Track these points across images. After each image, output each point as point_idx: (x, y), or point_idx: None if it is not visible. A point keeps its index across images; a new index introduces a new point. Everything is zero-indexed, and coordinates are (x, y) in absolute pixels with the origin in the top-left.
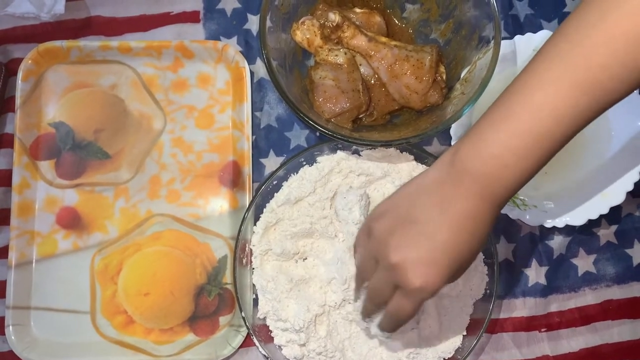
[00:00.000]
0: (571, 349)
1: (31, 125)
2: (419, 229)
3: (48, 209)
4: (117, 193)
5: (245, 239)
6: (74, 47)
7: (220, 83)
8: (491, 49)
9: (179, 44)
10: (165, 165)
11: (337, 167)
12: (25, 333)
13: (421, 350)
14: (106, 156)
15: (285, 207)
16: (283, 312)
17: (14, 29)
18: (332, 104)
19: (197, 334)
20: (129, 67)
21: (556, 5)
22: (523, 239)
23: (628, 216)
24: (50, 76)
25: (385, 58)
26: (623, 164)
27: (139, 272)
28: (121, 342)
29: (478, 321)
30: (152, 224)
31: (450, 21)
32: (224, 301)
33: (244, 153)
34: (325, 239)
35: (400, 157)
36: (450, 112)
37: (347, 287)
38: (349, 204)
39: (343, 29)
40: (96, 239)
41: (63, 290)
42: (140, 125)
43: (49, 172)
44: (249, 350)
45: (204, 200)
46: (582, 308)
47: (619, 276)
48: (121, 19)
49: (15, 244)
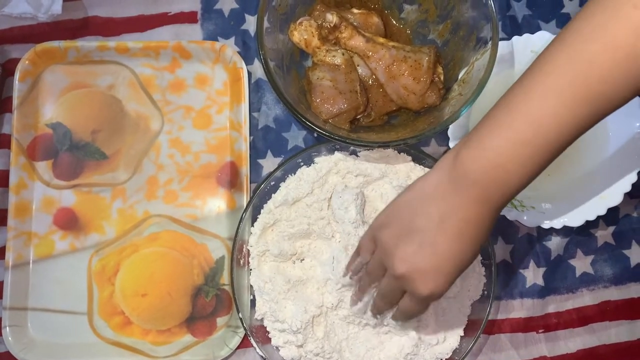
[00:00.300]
0: (569, 350)
1: (28, 126)
2: (423, 239)
3: (45, 209)
4: (114, 194)
5: (243, 239)
6: (71, 48)
7: (217, 84)
8: (489, 50)
9: (177, 44)
10: (162, 166)
11: (335, 167)
12: (23, 334)
13: (419, 351)
14: (103, 157)
15: (283, 208)
16: (280, 313)
17: (11, 29)
18: (329, 104)
19: (194, 335)
20: (126, 68)
21: (554, 6)
22: (521, 240)
23: (625, 217)
24: (48, 77)
25: (383, 59)
26: (621, 165)
27: (137, 273)
28: (118, 343)
29: (476, 322)
30: (149, 224)
31: (448, 22)
32: (222, 302)
33: (241, 154)
34: (323, 239)
35: (397, 157)
36: (448, 113)
37: (340, 287)
38: (344, 203)
39: (341, 29)
40: (93, 240)
41: (60, 291)
42: (138, 126)
43: (46, 173)
44: (246, 352)
45: (202, 201)
46: (579, 309)
47: (616, 277)
48: (119, 20)
49: (12, 244)
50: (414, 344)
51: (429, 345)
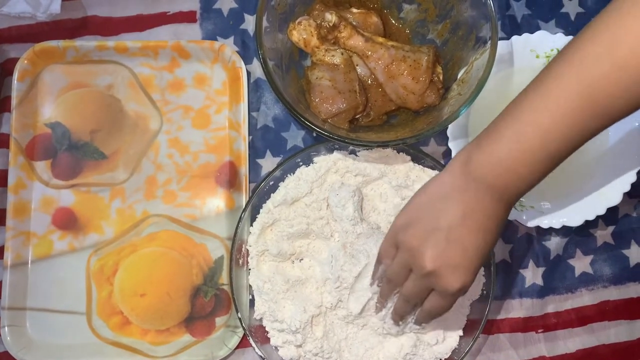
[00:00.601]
0: (568, 349)
1: (27, 126)
2: (449, 236)
3: (44, 209)
4: (113, 194)
5: (242, 239)
6: (70, 47)
7: (216, 83)
8: (488, 50)
9: (176, 44)
10: (161, 165)
11: (334, 167)
12: (21, 334)
13: (418, 351)
14: (102, 156)
15: (282, 208)
16: (279, 313)
17: (9, 29)
18: (328, 104)
19: (193, 335)
20: (125, 67)
21: (553, 5)
22: (520, 239)
23: (625, 217)
24: (47, 76)
25: (382, 58)
26: (620, 165)
27: (135, 273)
28: (117, 343)
29: (475, 322)
30: (148, 224)
31: (447, 22)
32: (220, 302)
33: (240, 153)
34: (322, 239)
35: (397, 157)
36: (447, 113)
37: (339, 286)
38: (342, 201)
39: (340, 29)
40: (92, 240)
41: (59, 291)
42: (137, 126)
43: (45, 173)
44: (245, 351)
45: (201, 201)
46: (578, 309)
47: (615, 277)
48: (117, 19)
49: (11, 244)
50: (413, 344)
51: (428, 345)
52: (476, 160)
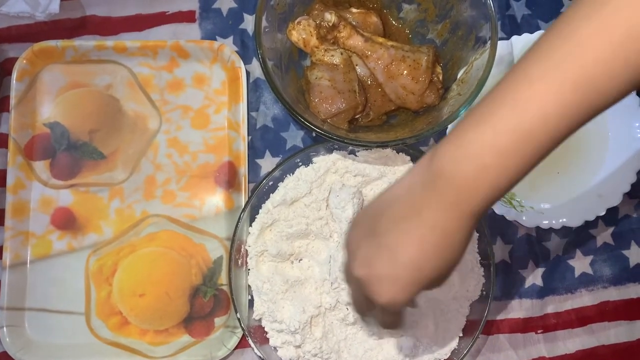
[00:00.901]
0: (567, 350)
1: (26, 125)
2: (383, 243)
3: (43, 209)
4: (112, 194)
5: (241, 239)
6: (69, 47)
7: (216, 83)
8: (488, 50)
9: (175, 43)
10: (160, 165)
11: (333, 167)
12: (20, 334)
13: (417, 352)
14: (101, 156)
15: (281, 208)
16: (278, 314)
17: (8, 29)
18: (328, 104)
19: (192, 335)
20: (124, 67)
21: (553, 5)
22: (520, 240)
23: (625, 217)
24: (45, 76)
25: (381, 58)
26: (620, 165)
27: (134, 273)
28: (116, 344)
29: (474, 322)
30: (147, 224)
31: (447, 21)
32: (220, 302)
33: (239, 153)
34: (321, 240)
35: (396, 158)
36: (447, 113)
37: (338, 288)
38: (341, 202)
39: (339, 29)
40: (91, 240)
41: (58, 291)
42: (136, 126)
43: (44, 173)
44: (244, 352)
45: (200, 201)
46: (578, 309)
47: (615, 277)
48: (116, 19)
49: (10, 244)
50: (412, 344)
51: (427, 346)
52: (440, 150)
